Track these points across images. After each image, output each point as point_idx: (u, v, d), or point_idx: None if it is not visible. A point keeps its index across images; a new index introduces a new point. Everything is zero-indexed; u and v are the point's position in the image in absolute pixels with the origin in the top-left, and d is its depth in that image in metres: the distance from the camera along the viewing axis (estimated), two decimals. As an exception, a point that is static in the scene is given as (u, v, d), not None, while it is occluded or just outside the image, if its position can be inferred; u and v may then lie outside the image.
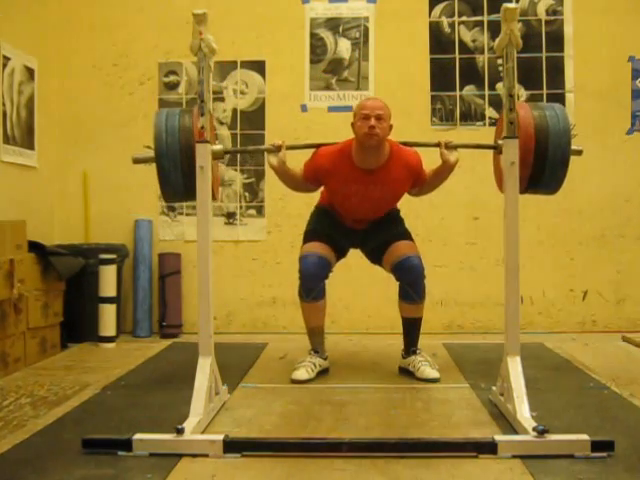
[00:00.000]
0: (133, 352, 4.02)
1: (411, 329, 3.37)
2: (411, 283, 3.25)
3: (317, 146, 3.27)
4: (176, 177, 2.79)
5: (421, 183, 3.28)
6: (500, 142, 2.81)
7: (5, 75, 4.00)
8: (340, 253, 3.39)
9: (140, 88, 4.69)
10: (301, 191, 3.39)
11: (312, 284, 3.24)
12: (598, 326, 4.62)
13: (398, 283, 3.30)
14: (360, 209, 3.27)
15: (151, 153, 2.82)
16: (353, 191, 3.19)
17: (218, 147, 2.92)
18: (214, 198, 2.91)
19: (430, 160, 3.25)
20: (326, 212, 3.38)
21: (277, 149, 3.13)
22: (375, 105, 3.11)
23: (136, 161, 2.91)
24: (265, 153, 3.50)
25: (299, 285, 3.27)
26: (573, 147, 2.83)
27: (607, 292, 4.62)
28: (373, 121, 3.04)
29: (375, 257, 3.41)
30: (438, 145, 3.10)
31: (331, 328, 3.81)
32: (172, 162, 2.77)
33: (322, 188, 3.38)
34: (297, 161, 3.27)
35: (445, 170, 3.18)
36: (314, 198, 3.48)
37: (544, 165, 2.78)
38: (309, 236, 3.36)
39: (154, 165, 2.85)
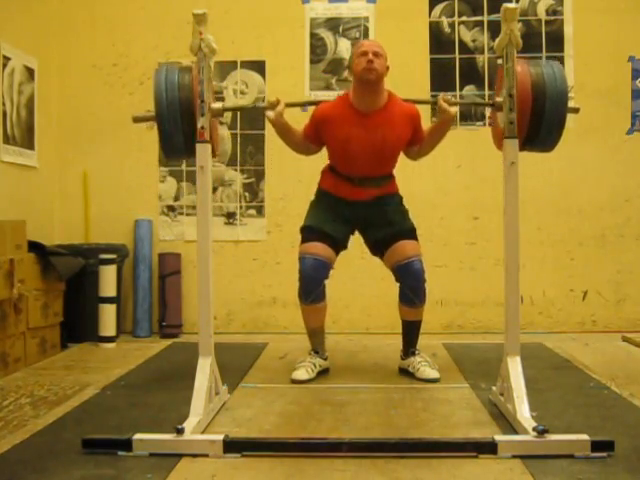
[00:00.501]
0: (133, 352, 4.02)
1: (411, 331, 3.35)
2: (412, 287, 3.21)
3: (315, 103, 3.29)
4: (177, 135, 2.76)
5: (420, 139, 3.23)
6: (498, 99, 2.78)
7: (5, 75, 4.00)
8: (341, 245, 3.30)
9: (140, 88, 4.68)
10: (301, 150, 3.32)
11: (311, 287, 3.19)
12: (598, 326, 4.62)
13: (398, 285, 3.26)
14: (362, 158, 3.15)
15: (152, 113, 2.80)
16: (354, 135, 3.12)
17: (217, 105, 2.90)
18: (214, 154, 2.89)
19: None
20: (326, 197, 3.30)
21: (274, 106, 3.07)
22: (372, 43, 3.18)
23: (136, 120, 2.91)
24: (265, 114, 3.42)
25: (298, 287, 3.23)
26: (570, 105, 2.79)
27: (607, 292, 4.62)
28: (371, 56, 3.05)
29: (377, 249, 3.33)
30: (435, 103, 3.08)
31: (331, 328, 3.81)
32: (172, 120, 2.74)
33: (322, 170, 3.34)
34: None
35: (444, 123, 3.12)
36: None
37: (541, 122, 2.73)
38: (307, 234, 3.27)
39: (153, 166, 2.85)
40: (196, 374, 2.65)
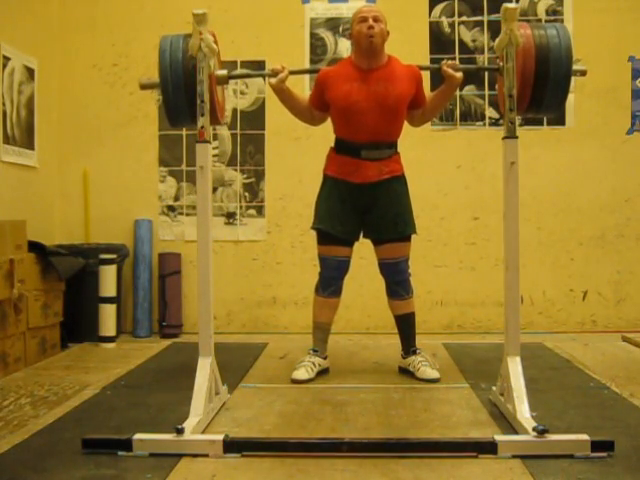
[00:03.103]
0: (133, 352, 4.02)
1: (405, 326, 3.37)
2: (398, 282, 3.31)
3: (318, 70, 3.33)
4: (181, 103, 2.78)
5: (422, 102, 3.24)
6: (502, 64, 2.75)
7: (5, 75, 4.00)
8: (354, 238, 3.32)
9: (140, 88, 4.69)
10: (305, 119, 3.33)
11: (332, 282, 3.30)
12: (598, 326, 4.62)
13: (384, 280, 3.33)
14: (367, 114, 3.12)
15: (156, 79, 2.82)
16: (356, 89, 3.13)
17: (222, 72, 2.94)
18: (217, 122, 2.94)
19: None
20: (332, 185, 3.26)
21: (278, 73, 3.08)
22: (371, 8, 3.24)
23: (143, 87, 2.95)
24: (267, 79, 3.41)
25: (318, 281, 3.32)
26: (576, 67, 2.76)
27: (607, 292, 4.62)
28: (371, 21, 3.09)
29: (371, 236, 3.32)
30: (439, 68, 3.08)
31: (331, 328, 3.80)
32: (176, 88, 2.76)
33: (326, 156, 3.33)
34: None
35: (449, 88, 3.16)
36: (315, 198, 3.42)
37: (545, 85, 2.71)
38: (323, 237, 3.29)
39: (153, 166, 2.85)
40: (196, 374, 2.65)
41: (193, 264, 4.42)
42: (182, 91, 2.76)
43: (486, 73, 4.58)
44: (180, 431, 2.26)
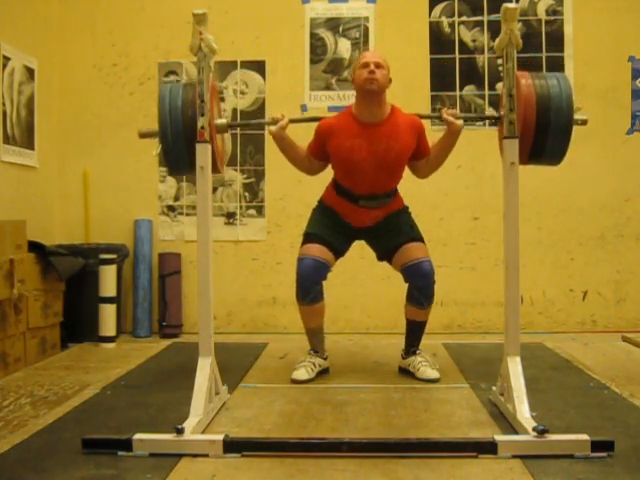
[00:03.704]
0: (133, 352, 4.02)
1: (415, 332, 3.34)
2: (421, 288, 3.20)
3: (318, 119, 3.26)
4: (180, 151, 2.78)
5: (425, 152, 3.19)
6: (503, 112, 2.76)
7: (5, 75, 4.00)
8: (340, 253, 3.31)
9: (140, 88, 4.69)
10: (304, 168, 3.29)
11: (308, 287, 3.18)
12: (598, 326, 4.62)
13: (407, 285, 3.24)
14: (367, 170, 3.12)
15: (156, 127, 2.82)
16: (357, 146, 3.10)
17: (222, 121, 2.92)
18: (217, 170, 2.92)
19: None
20: (328, 211, 3.30)
21: (276, 121, 3.08)
22: (374, 54, 3.20)
23: (142, 135, 2.93)
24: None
25: (296, 288, 3.21)
26: (576, 117, 2.77)
27: (607, 292, 4.62)
28: (372, 67, 3.05)
29: (384, 257, 3.33)
30: (440, 117, 3.05)
31: (331, 328, 3.81)
32: (176, 136, 2.76)
33: (327, 186, 3.34)
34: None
35: (450, 137, 3.08)
36: (314, 198, 3.44)
37: (547, 135, 2.71)
38: (307, 238, 3.28)
39: (153, 166, 2.86)
40: (196, 374, 2.65)
41: (193, 264, 4.42)
42: (182, 139, 2.76)
43: (486, 74, 4.59)
44: (180, 431, 2.26)
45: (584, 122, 2.80)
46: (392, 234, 3.26)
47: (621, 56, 4.57)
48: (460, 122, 3.03)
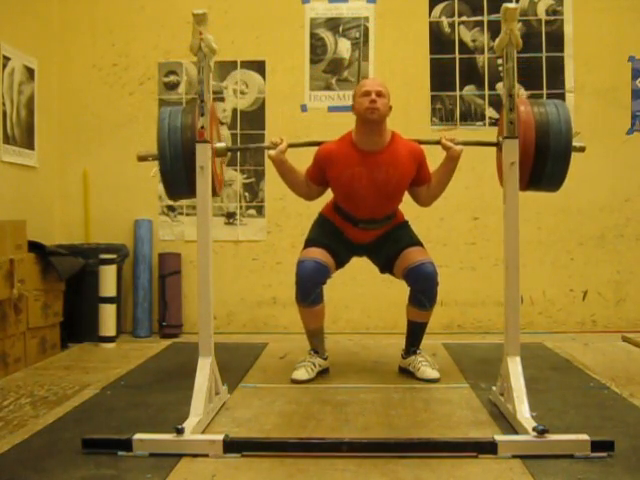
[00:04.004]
0: (133, 352, 4.02)
1: (416, 332, 3.34)
2: (424, 290, 3.20)
3: (317, 144, 3.23)
4: (179, 174, 2.79)
5: (425, 179, 3.20)
6: (501, 139, 2.80)
7: (5, 75, 4.00)
8: (340, 262, 3.32)
9: (140, 88, 4.69)
10: (302, 193, 3.29)
11: (309, 289, 3.17)
12: (598, 326, 4.62)
13: (409, 289, 3.23)
14: (366, 197, 3.14)
15: (154, 150, 2.82)
16: (357, 174, 3.11)
17: (221, 145, 2.92)
18: (216, 194, 2.92)
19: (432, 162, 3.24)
20: (329, 223, 3.31)
21: (277, 145, 3.09)
22: (375, 82, 3.15)
23: (140, 159, 2.91)
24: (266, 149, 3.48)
25: (295, 290, 3.20)
26: (575, 143, 2.80)
27: (607, 292, 4.62)
28: (374, 96, 3.03)
29: (386, 267, 3.33)
30: (439, 142, 3.06)
31: (331, 328, 3.82)
32: (175, 159, 2.77)
33: (327, 202, 3.34)
34: (298, 162, 3.24)
35: (450, 162, 3.09)
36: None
37: (545, 161, 2.75)
38: (308, 244, 3.29)
39: (153, 165, 2.86)
40: (196, 374, 2.65)
41: (193, 264, 4.42)
42: (181, 162, 2.76)
43: (486, 74, 4.59)
44: (180, 431, 2.26)
45: (582, 149, 2.84)
46: (391, 243, 3.27)
47: (621, 56, 4.57)
48: (459, 147, 3.05)
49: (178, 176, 2.80)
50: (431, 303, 3.23)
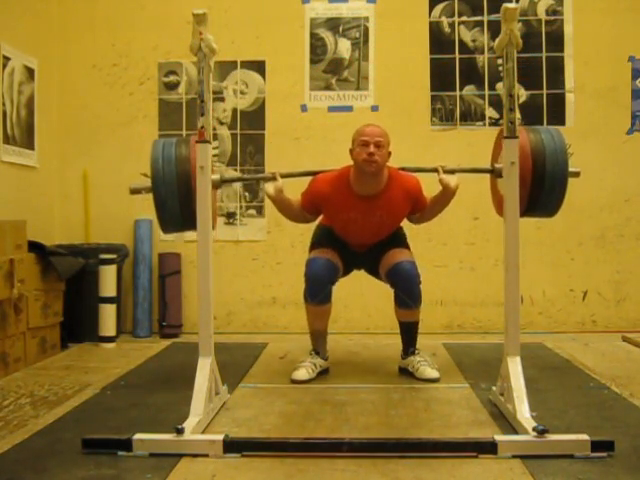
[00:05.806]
0: (133, 352, 4.02)
1: (408, 332, 3.36)
2: (405, 289, 3.21)
3: (314, 173, 3.23)
4: (173, 206, 2.80)
5: (421, 208, 3.24)
6: (497, 165, 2.84)
7: (5, 75, 4.00)
8: (345, 268, 3.35)
9: (140, 88, 4.69)
10: (299, 221, 3.34)
11: (319, 287, 3.20)
12: (598, 326, 4.62)
13: (393, 290, 3.26)
14: (360, 235, 3.25)
15: (148, 182, 2.83)
16: (352, 218, 3.17)
17: (216, 176, 2.93)
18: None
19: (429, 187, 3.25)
20: (330, 231, 3.34)
21: (271, 178, 3.11)
22: (374, 132, 3.08)
23: (133, 191, 2.93)
24: (262, 183, 3.53)
25: (305, 288, 3.23)
26: (570, 169, 2.86)
27: (607, 292, 4.62)
28: (372, 148, 3.02)
29: (373, 269, 3.37)
30: (436, 170, 3.07)
31: (331, 328, 3.79)
32: (169, 191, 2.78)
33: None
34: (294, 187, 3.24)
35: (446, 196, 3.13)
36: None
37: (542, 188, 2.81)
38: (315, 246, 3.33)
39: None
40: (196, 374, 2.65)
41: (193, 264, 4.42)
42: (175, 196, 2.78)
43: (486, 74, 4.59)
44: (180, 431, 2.27)
45: (577, 174, 2.90)
46: (380, 247, 3.30)
47: (621, 56, 4.57)
48: (454, 183, 3.05)
49: (172, 207, 2.80)
50: (415, 302, 3.25)
